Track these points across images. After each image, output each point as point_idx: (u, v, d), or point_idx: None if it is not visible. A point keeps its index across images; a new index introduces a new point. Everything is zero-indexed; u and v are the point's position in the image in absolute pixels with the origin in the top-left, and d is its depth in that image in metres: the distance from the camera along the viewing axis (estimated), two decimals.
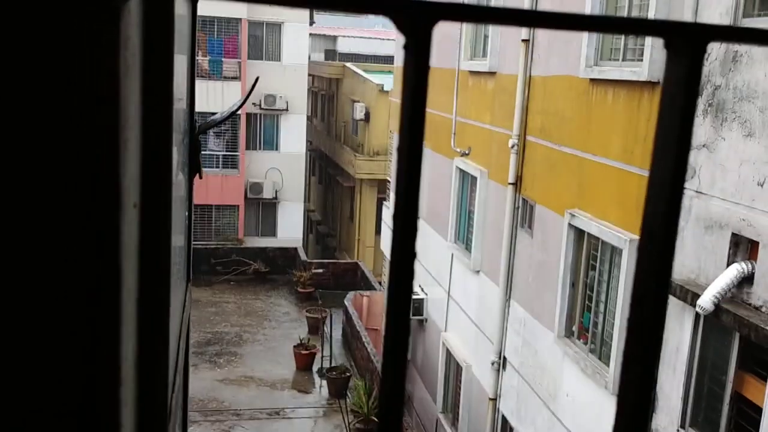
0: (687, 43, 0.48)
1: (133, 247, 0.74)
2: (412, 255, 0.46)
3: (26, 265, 0.54)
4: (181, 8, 1.47)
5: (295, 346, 17.46)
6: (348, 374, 16.40)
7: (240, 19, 25.08)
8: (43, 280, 0.55)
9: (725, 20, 6.29)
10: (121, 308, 0.59)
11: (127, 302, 0.67)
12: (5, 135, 0.52)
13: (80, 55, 0.51)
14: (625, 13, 7.98)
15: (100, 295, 0.57)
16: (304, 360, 17.21)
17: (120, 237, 0.56)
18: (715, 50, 6.39)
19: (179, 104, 1.61)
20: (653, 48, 7.21)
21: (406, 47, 0.41)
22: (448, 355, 13.07)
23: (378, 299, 18.77)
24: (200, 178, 2.07)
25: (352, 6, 0.43)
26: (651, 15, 7.23)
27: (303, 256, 24.40)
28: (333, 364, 16.95)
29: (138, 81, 0.73)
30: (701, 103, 6.50)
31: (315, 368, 17.24)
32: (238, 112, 24.63)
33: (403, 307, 0.45)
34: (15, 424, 0.55)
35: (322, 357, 17.20)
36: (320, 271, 22.34)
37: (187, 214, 1.97)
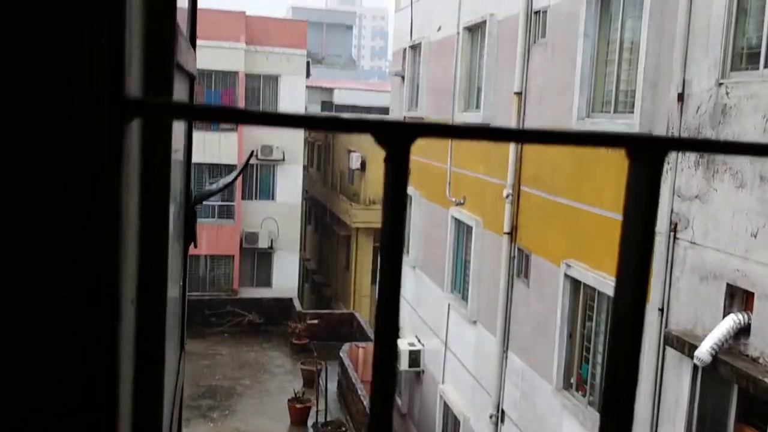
0: (646, 154, 0.49)
1: (129, 346, 0.76)
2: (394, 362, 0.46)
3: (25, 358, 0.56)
4: (179, 92, 1.51)
5: (289, 400, 17.20)
6: (344, 429, 16.12)
7: (237, 72, 25.46)
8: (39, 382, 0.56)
9: (713, 74, 6.40)
10: (118, 397, 0.61)
11: (123, 394, 0.69)
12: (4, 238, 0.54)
13: (84, 175, 0.54)
14: (614, 69, 8.12)
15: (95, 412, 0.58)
16: (299, 414, 16.93)
17: (118, 337, 0.57)
18: (704, 103, 6.49)
19: (175, 177, 1.63)
20: (644, 100, 7.32)
21: (386, 160, 0.44)
22: (446, 408, 12.88)
23: None
24: (195, 247, 2.08)
25: (341, 127, 0.46)
26: (641, 69, 7.36)
27: (298, 306, 24.25)
28: (328, 419, 16.67)
29: (137, 189, 0.77)
30: (693, 155, 6.56)
31: (310, 423, 16.95)
32: (234, 163, 24.80)
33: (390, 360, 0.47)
34: None
35: (317, 411, 16.93)
36: (315, 321, 22.16)
37: (181, 284, 1.98)
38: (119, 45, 0.55)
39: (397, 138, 0.45)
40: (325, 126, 0.46)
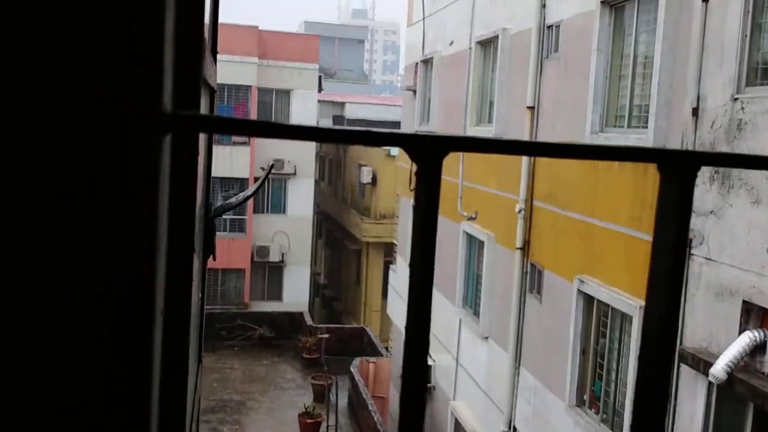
0: (678, 168, 0.48)
1: (158, 354, 0.77)
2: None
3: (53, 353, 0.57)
4: (203, 105, 1.52)
5: (300, 415, 17.13)
6: None
7: (250, 86, 25.61)
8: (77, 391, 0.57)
9: (728, 90, 6.36)
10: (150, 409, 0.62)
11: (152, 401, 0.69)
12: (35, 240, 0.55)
13: (123, 187, 0.56)
14: (628, 83, 8.10)
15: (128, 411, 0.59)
16: (309, 429, 16.85)
17: (153, 348, 0.59)
18: (719, 117, 6.45)
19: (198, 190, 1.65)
20: (658, 116, 7.28)
21: (417, 174, 0.44)
22: (457, 424, 12.78)
23: (384, 365, 18.50)
24: (214, 260, 2.08)
25: (372, 141, 0.46)
26: (654, 84, 7.33)
27: (309, 320, 24.22)
28: None
29: (166, 202, 0.78)
30: (708, 171, 6.51)
31: None
32: (246, 176, 24.90)
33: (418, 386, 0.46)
34: None
35: (328, 426, 16.84)
36: (326, 336, 22.11)
37: (200, 296, 1.98)
38: (158, 59, 0.56)
39: (429, 152, 0.45)
40: (358, 140, 0.46)
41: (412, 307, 0.46)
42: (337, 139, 0.47)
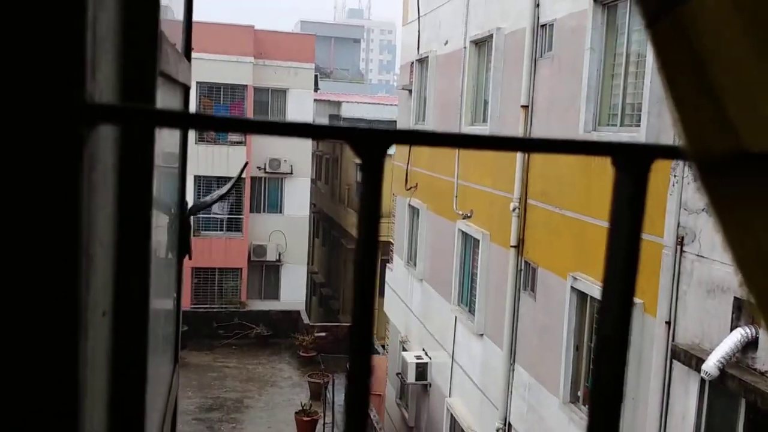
0: (632, 162, 0.51)
1: (102, 356, 0.76)
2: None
3: None
4: (170, 101, 1.53)
5: (296, 413, 17.16)
6: None
7: (246, 85, 25.60)
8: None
9: None
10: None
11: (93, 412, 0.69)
12: None
13: (38, 180, 0.52)
14: (621, 82, 8.15)
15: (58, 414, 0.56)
16: (306, 427, 16.89)
17: (78, 349, 0.55)
18: None
19: (169, 188, 1.65)
20: (650, 114, 7.33)
21: (360, 168, 0.45)
22: (453, 421, 12.83)
23: (380, 363, 18.54)
24: (189, 259, 2.09)
25: (315, 135, 0.46)
26: (647, 82, 7.38)
27: (306, 319, 24.24)
28: (335, 431, 16.63)
29: (112, 196, 0.77)
30: None
31: None
32: (243, 176, 24.89)
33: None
34: None
35: (324, 424, 16.89)
36: (323, 334, 22.15)
37: (175, 296, 1.98)
38: (79, 49, 0.53)
39: (371, 145, 0.44)
40: (299, 133, 0.44)
41: (357, 297, 0.46)
42: (277, 131, 0.45)
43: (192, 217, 2.44)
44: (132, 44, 0.85)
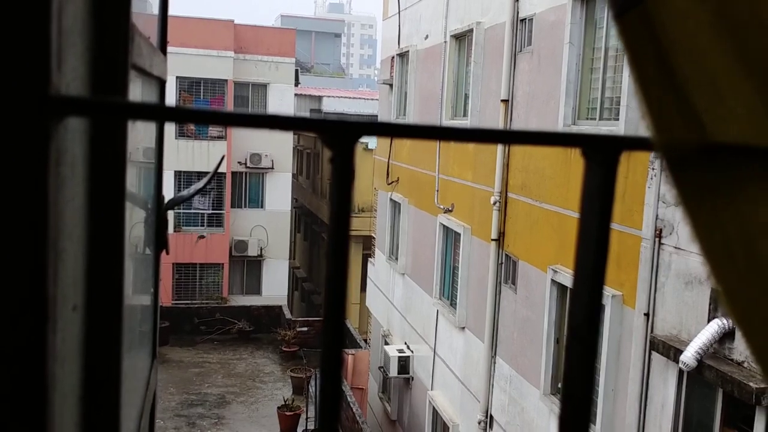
0: (601, 153, 0.51)
1: (73, 350, 0.75)
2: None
3: None
4: (145, 95, 1.51)
5: (279, 408, 17.15)
6: None
7: (226, 80, 25.45)
8: None
9: None
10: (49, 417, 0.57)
11: (63, 409, 0.67)
12: None
13: (3, 174, 0.51)
14: (600, 76, 8.21)
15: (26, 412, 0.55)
16: (289, 422, 16.89)
17: (46, 343, 0.54)
18: None
19: (144, 182, 1.64)
20: (629, 107, 7.39)
21: (331, 160, 0.45)
22: (435, 414, 12.89)
23: (363, 357, 18.58)
24: (167, 254, 2.08)
25: (285, 126, 0.47)
26: (626, 76, 7.44)
27: (288, 314, 24.20)
28: (318, 426, 16.63)
29: (82, 191, 0.76)
30: None
31: (300, 430, 16.91)
32: (224, 171, 24.76)
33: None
34: None
35: (307, 418, 16.89)
36: (305, 329, 22.13)
37: (153, 291, 1.97)
38: (43, 40, 0.52)
39: (340, 137, 0.44)
40: (269, 125, 0.44)
41: (329, 288, 0.46)
42: (246, 123, 0.45)
43: (172, 212, 2.43)
44: (102, 36, 0.84)
